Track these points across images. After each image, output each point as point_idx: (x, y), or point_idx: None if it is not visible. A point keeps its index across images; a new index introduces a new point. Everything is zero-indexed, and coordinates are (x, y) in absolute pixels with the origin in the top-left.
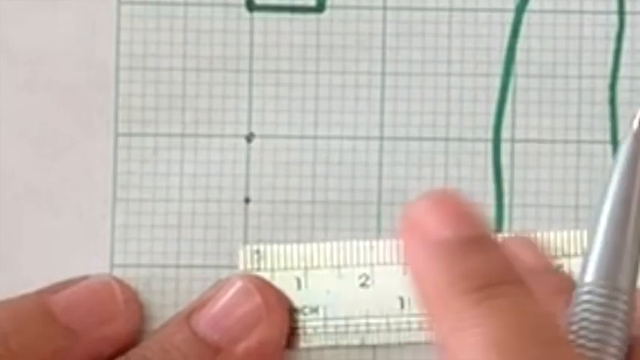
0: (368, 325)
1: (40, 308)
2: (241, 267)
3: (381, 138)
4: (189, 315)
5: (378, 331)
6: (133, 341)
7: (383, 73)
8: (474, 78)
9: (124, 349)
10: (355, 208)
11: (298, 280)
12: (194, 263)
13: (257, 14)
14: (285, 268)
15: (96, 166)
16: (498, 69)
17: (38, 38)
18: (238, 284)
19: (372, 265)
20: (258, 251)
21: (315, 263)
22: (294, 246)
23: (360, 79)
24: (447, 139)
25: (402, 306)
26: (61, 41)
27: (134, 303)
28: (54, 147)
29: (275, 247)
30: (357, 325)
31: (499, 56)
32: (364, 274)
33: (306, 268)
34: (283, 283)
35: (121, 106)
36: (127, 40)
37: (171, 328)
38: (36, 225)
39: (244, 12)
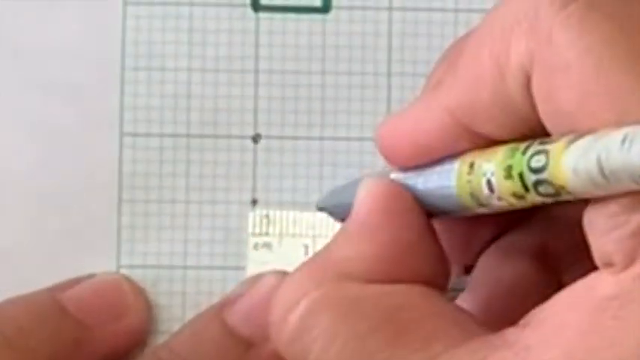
0: None
1: (54, 304)
2: (250, 230)
3: None
4: (221, 309)
5: None
6: (143, 337)
7: (389, 74)
8: None
9: (135, 345)
10: None
11: (306, 247)
12: (201, 264)
13: (262, 15)
14: (294, 235)
15: (101, 167)
16: None
17: (44, 38)
18: (272, 281)
19: None
20: (267, 216)
21: (324, 232)
22: (304, 213)
23: (366, 79)
24: None
25: None
26: (66, 41)
27: (142, 298)
28: (59, 147)
29: (285, 213)
30: None
31: None
32: None
33: (314, 236)
34: (290, 249)
35: (127, 107)
36: (133, 40)
37: (202, 322)
38: (42, 226)
39: (250, 12)
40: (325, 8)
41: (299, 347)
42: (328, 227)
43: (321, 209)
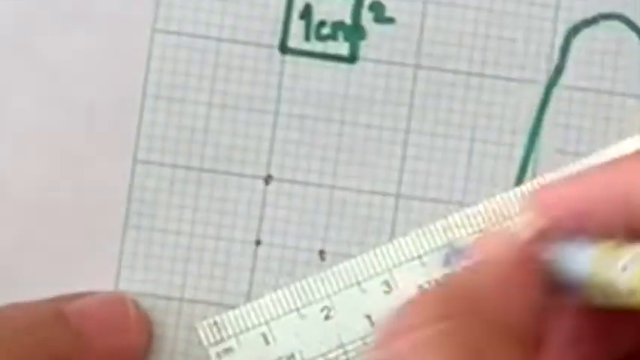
0: (346, 352)
1: (55, 311)
2: (205, 342)
3: (398, 196)
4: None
5: (357, 354)
6: (141, 354)
7: (407, 131)
8: (497, 147)
9: None
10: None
11: (264, 336)
12: (197, 298)
13: (289, 57)
14: (248, 329)
15: (111, 190)
16: (522, 139)
17: (70, 56)
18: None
19: (328, 296)
20: (215, 323)
21: (275, 313)
22: (249, 305)
23: (384, 134)
24: (461, 204)
25: (372, 323)
26: (92, 62)
27: (145, 319)
28: (72, 165)
29: (230, 312)
30: (337, 357)
31: (525, 126)
32: (325, 307)
33: (267, 321)
34: (251, 342)
35: (143, 134)
36: (157, 68)
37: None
38: (45, 242)
39: (276, 54)
40: (352, 58)
41: None
42: (277, 307)
43: None
